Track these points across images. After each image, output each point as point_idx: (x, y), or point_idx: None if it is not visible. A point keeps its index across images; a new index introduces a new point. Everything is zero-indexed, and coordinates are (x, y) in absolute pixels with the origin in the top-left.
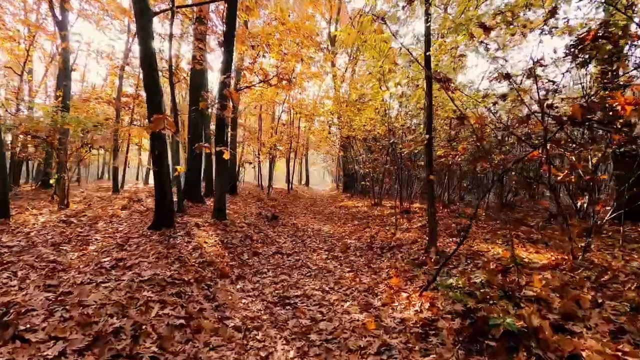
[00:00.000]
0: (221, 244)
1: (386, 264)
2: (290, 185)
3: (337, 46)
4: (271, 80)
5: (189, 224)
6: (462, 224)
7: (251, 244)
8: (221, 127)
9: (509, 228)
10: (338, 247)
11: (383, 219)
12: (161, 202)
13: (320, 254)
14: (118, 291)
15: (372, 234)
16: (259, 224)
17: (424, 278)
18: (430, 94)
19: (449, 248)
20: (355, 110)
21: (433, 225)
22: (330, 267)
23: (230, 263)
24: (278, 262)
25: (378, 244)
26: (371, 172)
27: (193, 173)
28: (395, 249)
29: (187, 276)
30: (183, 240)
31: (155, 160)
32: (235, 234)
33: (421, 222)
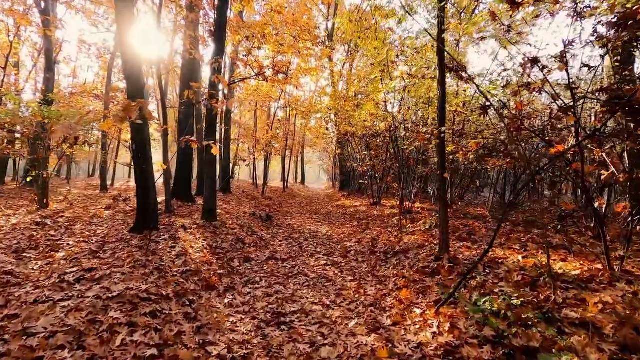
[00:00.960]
0: (209, 249)
1: (392, 271)
2: (285, 184)
3: (334, 41)
4: (267, 73)
5: (175, 226)
6: (471, 226)
7: (243, 248)
8: (211, 120)
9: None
10: (337, 251)
11: (384, 220)
12: (143, 203)
13: (319, 259)
14: (78, 312)
15: (373, 236)
16: (253, 225)
17: (437, 290)
18: (444, 81)
19: (462, 254)
20: (354, 105)
21: (445, 229)
22: (330, 275)
23: (219, 271)
24: (272, 269)
25: (381, 247)
26: (370, 170)
27: (183, 171)
28: (401, 254)
29: (166, 289)
30: (166, 245)
31: (136, 155)
32: (226, 236)
33: (425, 224)
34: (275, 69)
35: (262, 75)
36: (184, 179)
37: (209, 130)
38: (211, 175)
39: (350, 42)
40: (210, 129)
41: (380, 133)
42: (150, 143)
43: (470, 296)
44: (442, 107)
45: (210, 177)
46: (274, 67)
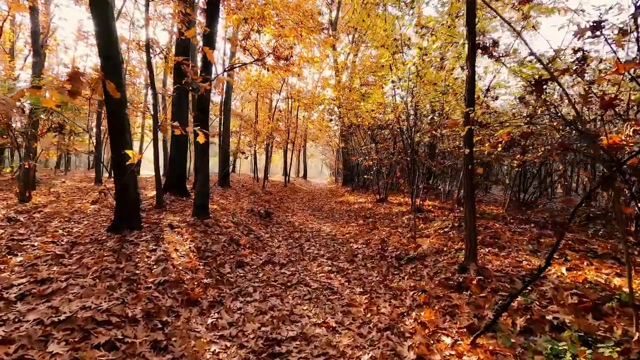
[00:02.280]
0: (197, 252)
1: (408, 282)
2: (287, 178)
3: (338, 31)
4: (267, 59)
5: (161, 224)
6: (492, 228)
7: (237, 250)
8: (202, 105)
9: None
10: (343, 254)
11: (392, 219)
12: (122, 197)
13: (322, 264)
14: (3, 347)
15: (382, 237)
16: (250, 222)
17: (469, 312)
18: (473, 57)
19: (490, 264)
20: (360, 95)
21: (473, 234)
22: (335, 285)
23: (205, 280)
24: (269, 277)
25: (392, 251)
26: (376, 164)
27: (177, 162)
28: (417, 261)
29: (134, 308)
30: (146, 247)
31: (111, 141)
32: (218, 237)
33: (440, 224)
34: (276, 54)
35: (262, 61)
36: (178, 171)
37: (199, 116)
38: (204, 167)
39: (355, 32)
40: (201, 115)
41: (388, 124)
42: (129, 128)
43: (514, 322)
44: (470, 87)
45: (202, 169)
46: (275, 52)
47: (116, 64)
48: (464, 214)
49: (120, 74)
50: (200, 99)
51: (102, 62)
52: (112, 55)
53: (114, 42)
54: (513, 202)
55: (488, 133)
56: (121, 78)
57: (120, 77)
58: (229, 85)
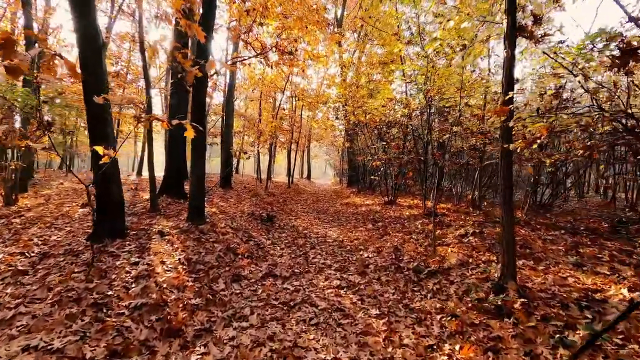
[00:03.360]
0: (187, 265)
1: (433, 303)
2: (291, 179)
3: (344, 28)
4: (270, 54)
5: (150, 231)
6: (519, 234)
7: (234, 260)
8: (198, 100)
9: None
10: (352, 264)
11: (403, 223)
12: (104, 201)
13: (330, 276)
14: None
15: (394, 244)
16: (250, 227)
17: (517, 347)
18: (513, 35)
19: (530, 281)
20: (368, 90)
21: (511, 246)
22: (346, 305)
23: (192, 301)
24: (269, 294)
25: (408, 261)
26: (385, 164)
27: (174, 163)
28: (440, 275)
29: (97, 345)
30: (128, 260)
31: (90, 135)
32: (214, 245)
33: (459, 230)
34: (280, 49)
35: (265, 55)
36: (176, 172)
37: (195, 112)
38: (199, 167)
39: (361, 29)
40: (197, 111)
41: (397, 122)
42: (111, 121)
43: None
44: (509, 70)
45: (197, 170)
46: (278, 47)
47: (95, 50)
48: (501, 222)
49: (101, 64)
50: (196, 94)
51: (79, 40)
52: (89, 33)
53: (91, 11)
54: (530, 204)
55: (519, 127)
56: (100, 60)
57: (99, 58)
58: (231, 83)
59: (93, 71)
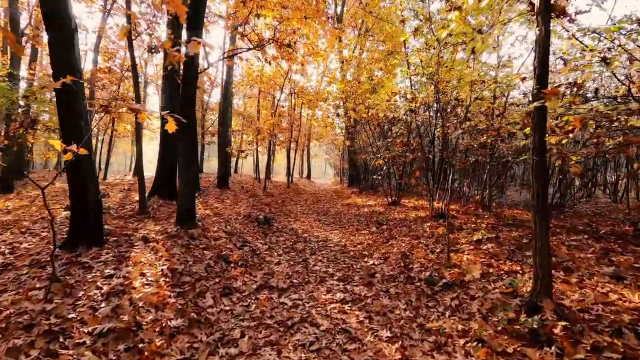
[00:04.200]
0: (170, 277)
1: (453, 323)
2: (290, 179)
3: (344, 23)
4: (267, 47)
5: (133, 237)
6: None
7: (225, 270)
8: (187, 93)
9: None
10: (357, 273)
11: (410, 226)
12: (78, 203)
13: (332, 288)
14: None
15: (402, 250)
16: (246, 231)
17: None
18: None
19: (566, 298)
20: (370, 85)
21: (546, 258)
22: (351, 325)
23: (173, 322)
24: (263, 311)
25: (419, 270)
26: (388, 162)
27: (166, 162)
28: (457, 288)
29: None
30: (102, 272)
31: (61, 130)
32: (203, 252)
33: (472, 234)
34: (278, 42)
35: (262, 48)
36: (168, 172)
37: (184, 106)
38: (188, 167)
39: (362, 25)
40: (185, 105)
41: (401, 118)
42: (86, 115)
43: None
44: (543, 51)
45: (186, 169)
46: (275, 39)
47: (60, 18)
48: (533, 230)
49: (70, 39)
50: (184, 87)
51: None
52: (57, 14)
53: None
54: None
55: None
56: (72, 45)
57: (70, 43)
58: (228, 79)
59: (62, 55)
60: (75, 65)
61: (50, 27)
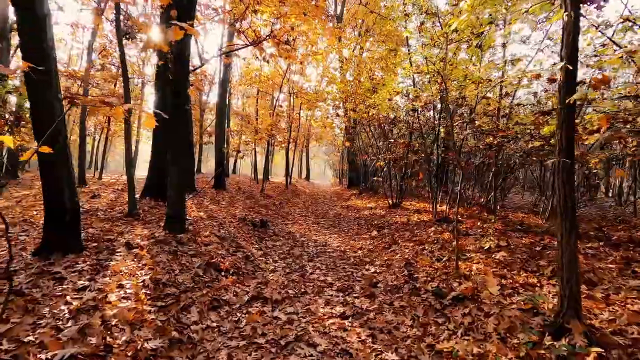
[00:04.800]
0: (152, 289)
1: (467, 344)
2: (289, 180)
3: (344, 23)
4: (266, 45)
5: (116, 243)
6: (553, 247)
7: (215, 279)
8: (178, 88)
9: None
10: (357, 282)
11: (412, 230)
12: (52, 210)
13: (331, 300)
14: None
15: (405, 256)
16: (240, 235)
17: None
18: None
19: (595, 317)
20: (372, 85)
21: (574, 273)
22: (352, 344)
23: (150, 344)
24: (254, 328)
25: (425, 281)
26: (390, 164)
27: (159, 161)
28: (469, 301)
29: None
30: (74, 284)
31: (33, 126)
32: (192, 259)
33: (480, 241)
34: (276, 40)
35: (259, 44)
36: (161, 171)
37: (174, 101)
38: (177, 167)
39: (362, 26)
40: (175, 100)
41: (402, 119)
42: (60, 107)
43: None
44: (572, 39)
45: (175, 169)
46: (273, 36)
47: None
48: (559, 241)
49: (43, 21)
50: (175, 79)
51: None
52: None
53: None
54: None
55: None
56: (43, 29)
57: (41, 25)
58: (225, 78)
59: (31, 39)
60: (46, 51)
61: (17, 4)
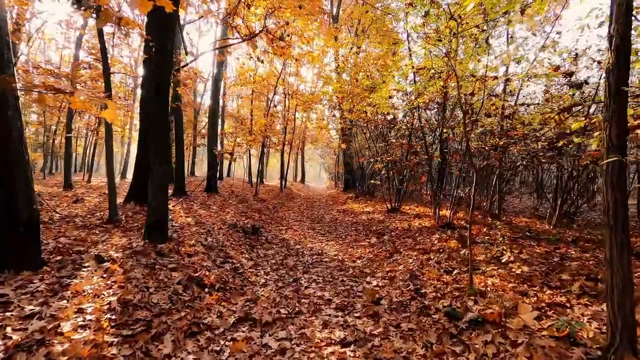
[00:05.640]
0: (119, 313)
1: None
2: (284, 183)
3: (340, 23)
4: (260, 42)
5: (85, 255)
6: (570, 257)
7: (196, 298)
8: (160, 81)
9: None
10: (358, 297)
11: (414, 237)
12: (5, 221)
13: (329, 321)
14: None
15: (409, 267)
16: (229, 244)
17: None
18: None
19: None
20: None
21: (629, 298)
22: None
23: None
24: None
25: (434, 297)
26: (389, 166)
27: (145, 165)
28: (491, 326)
29: None
30: (22, 309)
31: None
32: (172, 274)
33: (490, 250)
34: (270, 36)
35: (252, 39)
36: (147, 174)
37: (154, 98)
38: (160, 168)
39: (358, 26)
40: (156, 97)
41: (405, 116)
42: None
43: None
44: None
45: (157, 172)
46: (267, 31)
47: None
48: (607, 257)
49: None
50: (157, 71)
51: None
52: None
53: None
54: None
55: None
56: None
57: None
58: (218, 76)
59: None
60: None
61: None
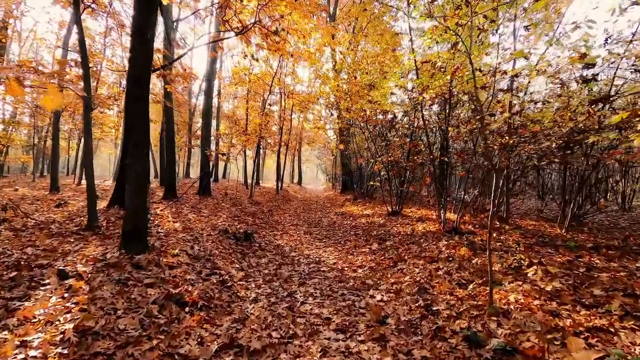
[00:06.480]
0: (73, 344)
1: None
2: (280, 184)
3: (337, 22)
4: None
5: (48, 269)
6: (597, 267)
7: (173, 320)
8: (138, 72)
9: None
10: (362, 316)
11: (419, 243)
12: None
13: (329, 348)
14: None
15: (416, 278)
16: (218, 252)
17: None
18: None
19: None
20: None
21: None
22: None
23: None
24: None
25: (447, 315)
26: (389, 167)
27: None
28: (520, 355)
29: None
30: None
31: None
32: (147, 291)
33: (507, 258)
34: (264, 30)
35: (245, 34)
36: None
37: (131, 91)
38: (138, 165)
39: (356, 23)
40: (135, 90)
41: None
42: None
43: None
44: None
45: (133, 173)
46: (261, 25)
47: None
48: None
49: None
50: (133, 58)
51: None
52: None
53: None
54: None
55: None
56: None
57: None
58: (211, 74)
59: None
60: None
61: None
